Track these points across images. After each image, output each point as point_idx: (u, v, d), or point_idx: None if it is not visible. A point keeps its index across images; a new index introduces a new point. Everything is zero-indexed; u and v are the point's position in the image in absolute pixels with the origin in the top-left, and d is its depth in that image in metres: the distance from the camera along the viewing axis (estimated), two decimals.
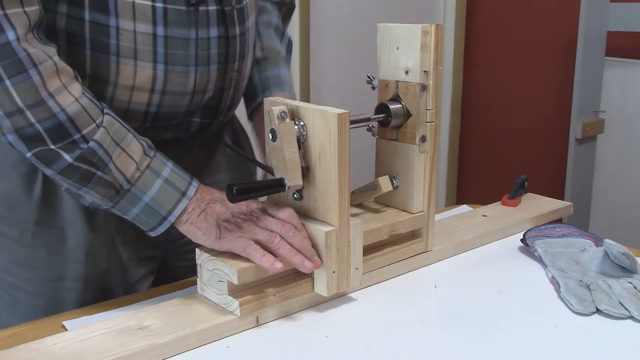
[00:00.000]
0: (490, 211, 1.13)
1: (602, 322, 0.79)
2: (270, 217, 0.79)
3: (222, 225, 0.78)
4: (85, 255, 0.87)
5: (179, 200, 0.78)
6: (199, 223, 0.78)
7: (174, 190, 0.78)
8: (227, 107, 0.93)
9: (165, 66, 0.81)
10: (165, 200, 0.77)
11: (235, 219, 0.78)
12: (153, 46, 0.80)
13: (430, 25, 0.85)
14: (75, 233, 0.86)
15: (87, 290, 0.89)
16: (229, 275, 0.75)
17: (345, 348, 0.73)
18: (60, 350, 0.69)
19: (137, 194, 0.77)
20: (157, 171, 0.78)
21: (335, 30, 2.47)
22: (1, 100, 0.70)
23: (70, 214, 0.86)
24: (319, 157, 0.78)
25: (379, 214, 0.92)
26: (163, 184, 0.78)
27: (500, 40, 2.71)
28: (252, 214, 0.80)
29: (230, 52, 0.87)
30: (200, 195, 0.79)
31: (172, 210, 0.78)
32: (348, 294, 0.86)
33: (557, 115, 2.51)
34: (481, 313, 0.81)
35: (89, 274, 0.88)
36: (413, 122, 0.89)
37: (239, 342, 0.74)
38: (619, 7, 2.12)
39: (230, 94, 0.91)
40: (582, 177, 2.28)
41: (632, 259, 0.87)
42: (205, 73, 0.85)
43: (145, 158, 0.77)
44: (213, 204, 0.79)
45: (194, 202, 0.79)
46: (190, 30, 0.81)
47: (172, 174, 0.79)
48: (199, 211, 0.79)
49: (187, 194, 0.79)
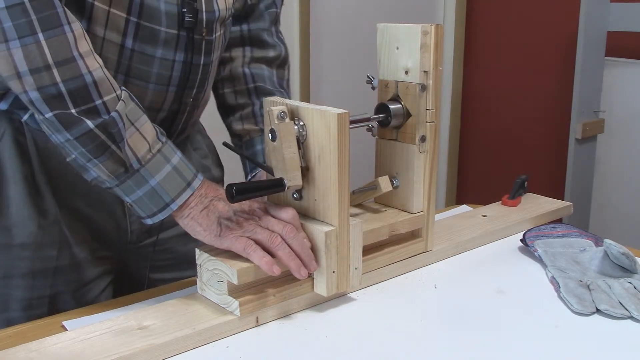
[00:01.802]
0: (490, 211, 1.13)
1: (602, 322, 0.79)
2: (271, 217, 0.79)
3: (224, 224, 0.77)
4: (33, 252, 0.87)
5: (183, 189, 0.78)
6: (201, 219, 0.78)
7: (181, 179, 0.78)
8: (179, 131, 0.94)
9: (126, 78, 0.82)
10: (170, 187, 0.77)
11: (237, 218, 0.78)
12: (118, 56, 0.81)
13: (430, 25, 0.85)
14: (22, 232, 0.86)
15: (34, 287, 0.88)
16: (228, 275, 0.75)
17: (345, 348, 0.73)
18: (60, 350, 0.69)
19: (145, 176, 0.76)
20: (167, 157, 0.78)
21: (335, 30, 2.47)
22: (31, 55, 0.68)
23: (17, 214, 0.85)
24: (319, 157, 0.78)
25: (378, 214, 0.92)
26: (171, 171, 0.77)
27: (500, 40, 2.71)
28: (254, 213, 0.80)
29: (191, 78, 0.88)
30: (205, 191, 0.79)
31: (176, 199, 0.77)
32: (348, 294, 0.86)
33: (557, 115, 2.51)
34: (481, 313, 0.81)
35: (36, 271, 0.88)
36: (413, 122, 0.89)
37: (239, 342, 0.74)
38: (619, 7, 2.12)
39: (183, 117, 0.92)
40: (582, 177, 2.28)
41: (632, 259, 0.87)
42: (162, 92, 0.86)
43: (157, 142, 0.77)
44: (216, 201, 0.79)
45: (198, 197, 0.78)
46: (156, 49, 0.82)
47: (180, 162, 0.78)
48: (202, 207, 0.78)
49: (192, 185, 0.78)
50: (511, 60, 2.67)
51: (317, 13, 2.40)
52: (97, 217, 0.92)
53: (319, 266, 0.79)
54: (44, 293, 0.89)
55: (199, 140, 1.06)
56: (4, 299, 0.88)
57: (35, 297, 0.89)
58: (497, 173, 2.82)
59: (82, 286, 0.93)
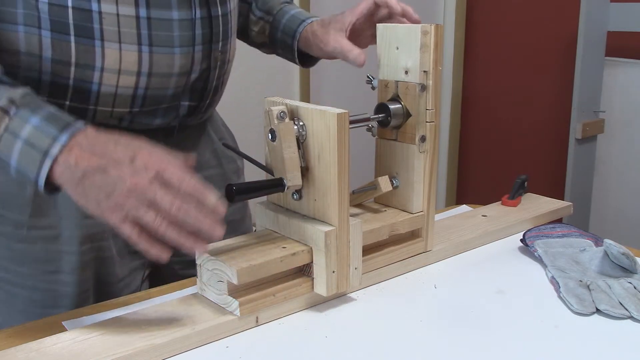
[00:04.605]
0: (490, 211, 1.13)
1: (602, 322, 0.79)
2: (159, 188, 0.66)
3: (103, 204, 0.67)
4: (79, 245, 0.87)
5: (41, 162, 0.68)
6: (77, 196, 0.69)
7: (35, 151, 0.69)
8: (214, 89, 0.94)
9: (150, 48, 0.82)
10: (28, 164, 0.69)
11: (117, 197, 0.66)
12: (137, 28, 0.80)
13: (430, 25, 0.85)
14: (69, 225, 0.87)
15: (82, 282, 0.89)
16: (228, 275, 0.75)
17: (345, 348, 0.73)
18: (60, 350, 0.69)
19: (5, 159, 0.71)
20: (15, 132, 0.69)
21: None
22: None
23: (64, 205, 0.86)
24: (319, 157, 0.78)
25: (378, 214, 0.92)
26: (23, 146, 0.69)
27: (500, 40, 2.71)
28: (137, 186, 0.66)
29: (214, 32, 0.88)
30: (74, 161, 0.67)
31: (39, 173, 0.68)
32: (348, 294, 0.86)
33: (557, 115, 2.51)
34: (481, 313, 0.81)
35: (84, 265, 0.88)
36: (413, 122, 0.89)
37: (239, 342, 0.74)
38: (619, 7, 2.12)
39: (216, 74, 0.92)
40: (582, 177, 2.28)
41: (632, 259, 0.87)
42: (190, 54, 0.85)
43: (3, 119, 0.70)
44: (91, 175, 0.67)
45: (63, 168, 0.68)
46: (172, 12, 0.82)
47: (33, 132, 0.69)
48: (75, 184, 0.68)
49: (50, 153, 0.68)
50: (511, 60, 2.67)
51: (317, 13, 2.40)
52: None
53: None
54: (90, 288, 0.90)
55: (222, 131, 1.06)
56: (52, 296, 0.88)
57: (81, 292, 0.89)
58: (497, 173, 2.82)
59: (121, 279, 0.93)
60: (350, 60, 0.95)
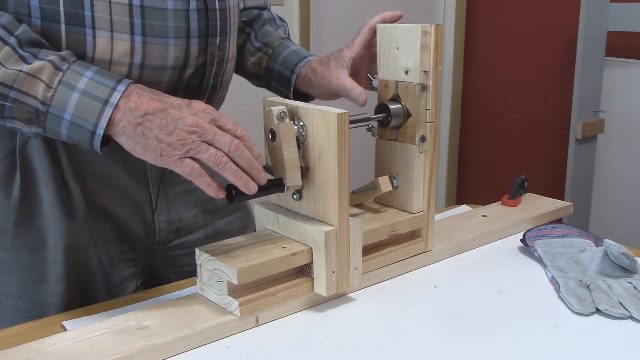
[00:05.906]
0: (490, 211, 1.13)
1: (602, 322, 0.79)
2: (217, 129, 0.72)
3: (165, 141, 0.70)
4: (64, 256, 0.87)
5: (102, 110, 0.71)
6: (137, 137, 0.71)
7: (94, 101, 0.71)
8: (211, 87, 0.91)
9: (143, 37, 0.80)
10: (87, 114, 0.71)
11: (179, 133, 0.70)
12: (129, 17, 0.78)
13: (430, 25, 0.85)
14: (54, 234, 0.86)
15: (68, 291, 0.88)
16: (228, 275, 0.75)
17: (345, 348, 0.73)
18: (60, 350, 0.69)
19: (57, 114, 0.71)
20: (71, 84, 0.71)
21: (335, 30, 2.47)
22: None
23: (49, 215, 0.85)
24: (319, 157, 0.78)
25: (378, 214, 0.92)
26: (81, 97, 0.71)
27: (500, 40, 2.71)
28: (197, 125, 0.71)
29: (211, 26, 0.85)
30: (135, 104, 0.71)
31: (98, 122, 0.71)
32: (348, 294, 0.86)
33: (557, 115, 2.51)
34: (481, 313, 0.81)
35: (70, 275, 0.88)
36: (413, 122, 0.89)
37: (239, 342, 0.74)
38: (619, 7, 2.12)
39: (212, 71, 0.89)
40: (582, 177, 2.28)
41: (632, 259, 0.87)
42: (184, 46, 0.83)
43: (56, 74, 0.71)
44: (152, 115, 0.71)
45: (124, 112, 0.71)
46: (167, 1, 0.80)
47: (90, 83, 0.71)
48: (135, 124, 0.71)
49: (111, 101, 0.71)
50: (511, 60, 2.68)
51: (317, 13, 2.40)
52: (125, 217, 0.91)
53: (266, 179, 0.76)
54: (77, 298, 0.89)
55: None
56: (38, 305, 0.87)
57: (68, 301, 0.88)
58: (497, 173, 2.82)
59: (111, 289, 0.92)
60: (352, 99, 0.94)
